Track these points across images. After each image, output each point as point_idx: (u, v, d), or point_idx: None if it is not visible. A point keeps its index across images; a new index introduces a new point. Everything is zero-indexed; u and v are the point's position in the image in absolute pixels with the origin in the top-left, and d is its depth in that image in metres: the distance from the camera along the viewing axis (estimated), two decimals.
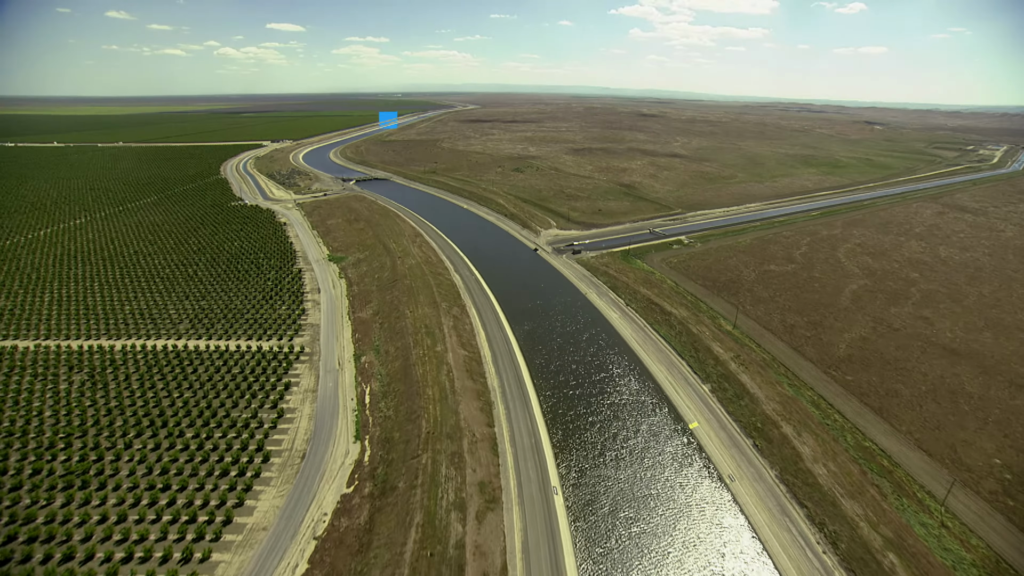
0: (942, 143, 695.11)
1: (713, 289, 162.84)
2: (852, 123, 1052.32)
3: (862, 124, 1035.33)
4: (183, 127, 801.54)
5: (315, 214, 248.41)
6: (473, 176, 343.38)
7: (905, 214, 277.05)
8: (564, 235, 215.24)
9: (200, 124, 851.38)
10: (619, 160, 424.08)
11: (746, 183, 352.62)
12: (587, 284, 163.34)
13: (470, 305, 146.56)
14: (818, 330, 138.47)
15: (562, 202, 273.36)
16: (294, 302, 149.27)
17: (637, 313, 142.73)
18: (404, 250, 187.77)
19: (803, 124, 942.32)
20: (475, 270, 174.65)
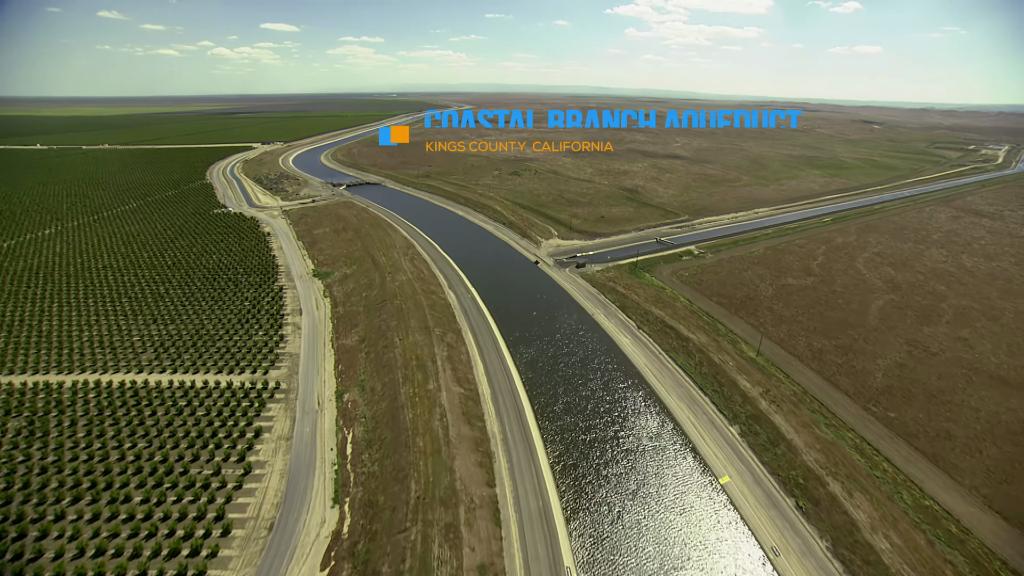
0: (943, 143, 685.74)
1: (730, 307, 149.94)
2: (851, 122, 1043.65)
3: (860, 123, 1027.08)
4: (173, 128, 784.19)
5: (302, 223, 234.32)
6: (469, 180, 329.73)
7: (920, 219, 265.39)
8: (566, 245, 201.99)
9: (191, 125, 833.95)
10: (619, 162, 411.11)
11: (751, 186, 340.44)
12: (594, 303, 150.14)
13: (466, 329, 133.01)
14: (849, 356, 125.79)
15: (562, 208, 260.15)
16: (272, 326, 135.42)
17: (651, 338, 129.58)
18: (395, 264, 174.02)
19: (802, 124, 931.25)
20: (471, 287, 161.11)
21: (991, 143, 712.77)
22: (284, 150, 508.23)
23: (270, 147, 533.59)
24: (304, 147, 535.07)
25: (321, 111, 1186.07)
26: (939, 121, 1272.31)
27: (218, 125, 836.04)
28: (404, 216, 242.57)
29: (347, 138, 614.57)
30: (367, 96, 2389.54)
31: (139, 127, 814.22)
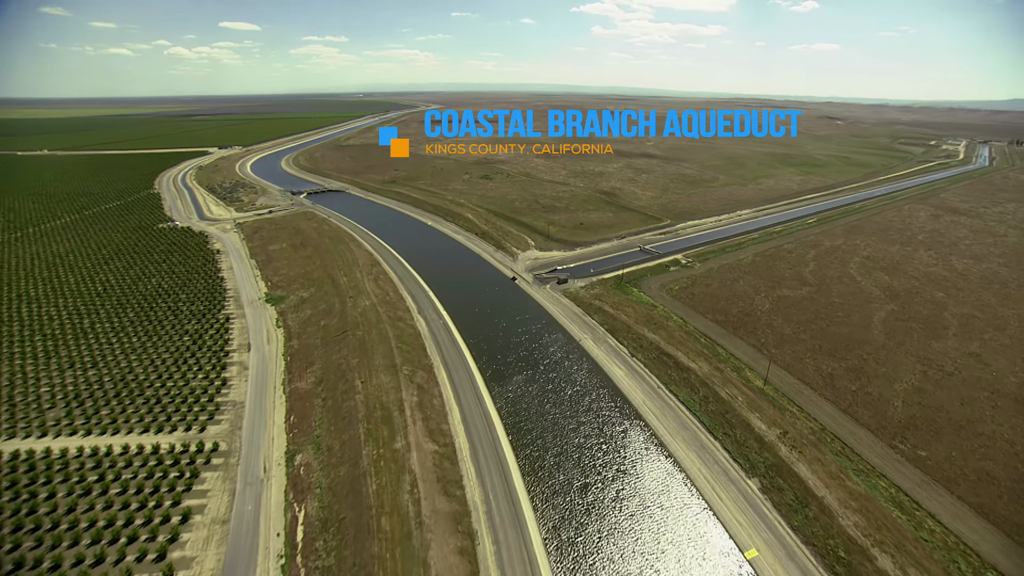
0: (906, 138, 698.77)
1: (728, 326, 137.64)
2: (816, 118, 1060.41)
3: (825, 119, 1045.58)
4: (124, 132, 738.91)
5: (256, 238, 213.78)
6: (438, 185, 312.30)
7: (901, 218, 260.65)
8: (545, 257, 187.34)
9: (144, 128, 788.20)
10: (593, 163, 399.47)
11: (730, 186, 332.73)
12: (580, 326, 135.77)
13: (439, 365, 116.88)
14: (862, 379, 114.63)
15: (538, 215, 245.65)
16: (215, 367, 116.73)
17: (647, 368, 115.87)
18: (357, 286, 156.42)
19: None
20: (443, 311, 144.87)
21: (949, 138, 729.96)
22: (242, 155, 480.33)
23: (227, 152, 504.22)
24: (264, 151, 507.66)
25: (284, 113, 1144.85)
26: (897, 116, 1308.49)
27: (174, 128, 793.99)
28: (368, 227, 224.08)
29: (310, 141, 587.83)
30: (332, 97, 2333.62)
31: (85, 130, 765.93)
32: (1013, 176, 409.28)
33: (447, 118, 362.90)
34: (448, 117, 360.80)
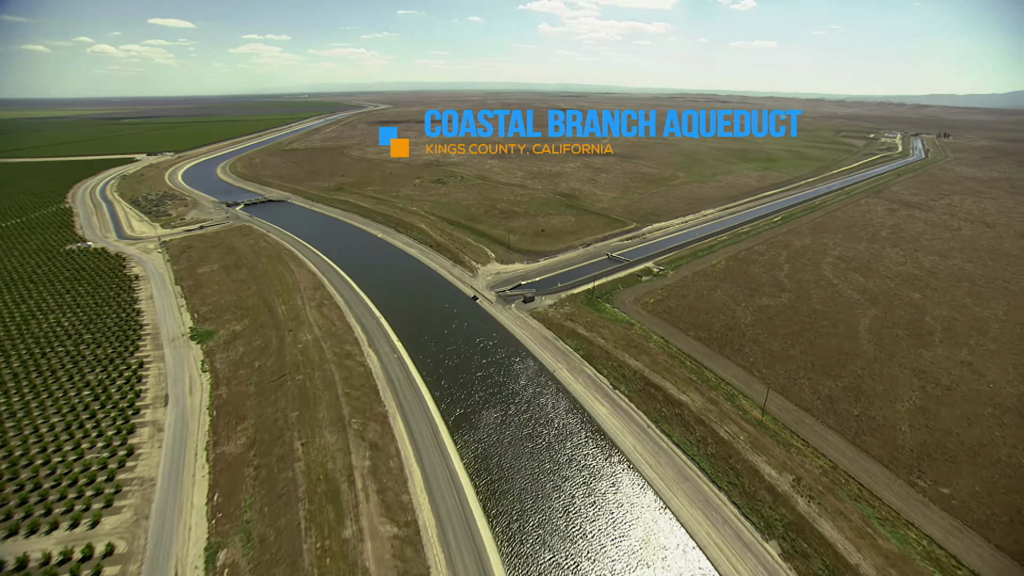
0: (847, 132, 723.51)
1: (711, 344, 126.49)
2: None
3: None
4: (37, 137, 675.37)
5: (183, 259, 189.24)
6: (387, 192, 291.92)
7: (861, 213, 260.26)
8: (508, 271, 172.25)
9: (63, 133, 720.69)
10: (549, 163, 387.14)
11: (690, 184, 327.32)
12: (552, 353, 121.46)
13: (394, 412, 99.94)
14: (862, 401, 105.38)
15: (497, 222, 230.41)
16: (119, 431, 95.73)
17: (631, 403, 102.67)
18: (298, 315, 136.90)
19: None
20: (397, 341, 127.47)
21: (885, 131, 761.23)
22: (174, 162, 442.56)
23: (157, 159, 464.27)
24: (199, 158, 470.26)
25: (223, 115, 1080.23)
26: (834, 111, 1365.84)
27: (98, 132, 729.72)
28: (312, 243, 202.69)
29: (251, 145, 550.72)
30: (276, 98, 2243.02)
31: None
32: (950, 168, 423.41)
33: (447, 118, 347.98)
34: (448, 117, 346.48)
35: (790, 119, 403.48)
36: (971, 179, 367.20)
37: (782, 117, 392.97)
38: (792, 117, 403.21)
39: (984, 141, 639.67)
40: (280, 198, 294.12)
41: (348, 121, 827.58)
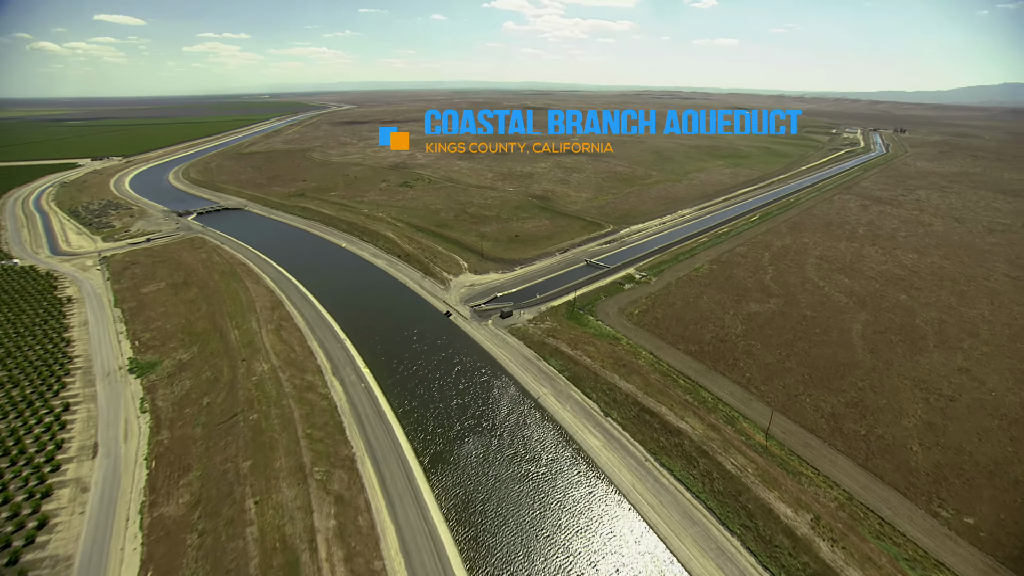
0: (810, 127, 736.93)
1: (703, 358, 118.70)
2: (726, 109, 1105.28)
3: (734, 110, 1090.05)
4: None
5: (126, 276, 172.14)
6: (351, 197, 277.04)
7: (835, 210, 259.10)
8: (481, 283, 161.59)
9: None
10: (520, 163, 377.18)
11: (664, 183, 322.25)
12: (536, 375, 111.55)
13: (363, 455, 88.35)
14: (867, 418, 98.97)
15: (468, 227, 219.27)
16: (32, 494, 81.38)
17: (625, 432, 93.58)
18: (253, 341, 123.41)
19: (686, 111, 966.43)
20: (364, 368, 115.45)
21: (845, 127, 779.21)
22: (121, 168, 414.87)
23: (103, 164, 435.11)
24: (150, 162, 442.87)
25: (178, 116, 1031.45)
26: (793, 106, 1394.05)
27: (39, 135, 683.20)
28: (271, 255, 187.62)
29: (207, 149, 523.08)
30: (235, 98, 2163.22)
31: None
32: (911, 163, 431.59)
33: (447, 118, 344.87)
34: (448, 117, 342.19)
35: (790, 119, 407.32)
36: (933, 174, 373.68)
37: (782, 117, 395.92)
38: (792, 117, 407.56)
39: (937, 136, 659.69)
40: (237, 206, 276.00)
41: (311, 122, 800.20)
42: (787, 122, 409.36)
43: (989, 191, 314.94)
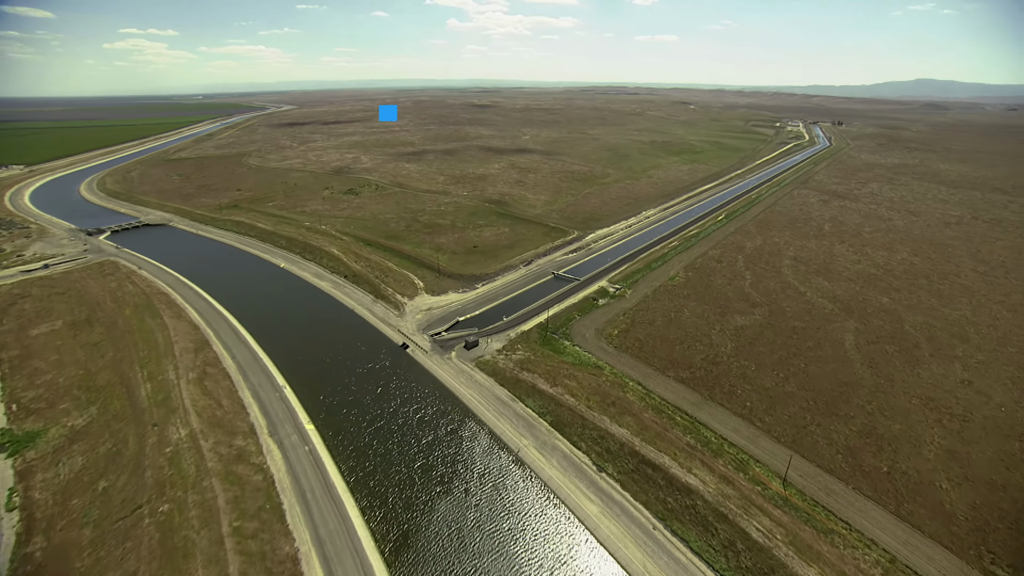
0: (755, 121, 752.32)
1: (699, 387, 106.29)
2: (671, 104, 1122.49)
3: (679, 104, 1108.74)
4: None
5: (11, 315, 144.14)
6: (291, 207, 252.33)
7: (798, 206, 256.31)
8: (441, 304, 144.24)
9: None
10: (471, 164, 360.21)
11: (623, 181, 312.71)
12: (512, 421, 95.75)
13: (310, 555, 69.95)
14: (885, 450, 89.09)
15: (422, 238, 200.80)
16: None
17: (626, 492, 79.32)
18: (169, 398, 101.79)
19: (632, 107, 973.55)
20: (309, 423, 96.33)
21: (788, 120, 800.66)
22: (22, 178, 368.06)
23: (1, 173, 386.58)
24: (58, 171, 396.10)
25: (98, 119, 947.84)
26: (735, 100, 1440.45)
27: None
28: (197, 281, 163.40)
29: (129, 155, 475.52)
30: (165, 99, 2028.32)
31: None
32: (856, 155, 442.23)
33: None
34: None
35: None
36: (878, 166, 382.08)
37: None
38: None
39: (872, 129, 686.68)
40: (160, 221, 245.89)
41: (248, 124, 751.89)
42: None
43: (931, 183, 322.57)
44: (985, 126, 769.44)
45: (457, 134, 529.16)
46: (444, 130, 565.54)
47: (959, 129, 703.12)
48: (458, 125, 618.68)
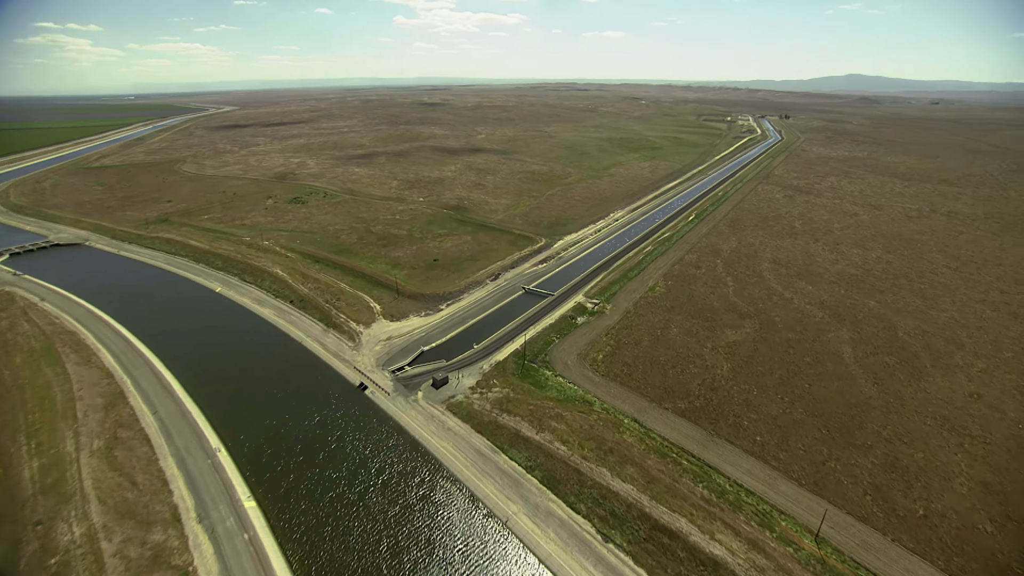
0: (706, 115, 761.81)
1: (702, 420, 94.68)
2: (622, 99, 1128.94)
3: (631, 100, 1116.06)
4: None
5: None
6: (230, 220, 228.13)
7: (765, 203, 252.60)
8: (402, 332, 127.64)
9: None
10: (426, 167, 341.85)
11: (585, 181, 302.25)
12: (497, 480, 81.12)
13: None
14: (914, 486, 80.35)
15: (376, 252, 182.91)
16: None
17: (641, 568, 66.04)
18: (62, 481, 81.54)
19: (585, 103, 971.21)
20: (249, 500, 78.52)
21: (737, 114, 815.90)
22: None
23: None
24: None
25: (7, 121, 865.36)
26: (684, 95, 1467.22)
27: None
28: (115, 314, 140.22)
29: (42, 163, 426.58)
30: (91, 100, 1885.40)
31: None
32: (808, 148, 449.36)
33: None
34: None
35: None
36: (832, 159, 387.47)
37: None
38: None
39: (817, 122, 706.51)
40: (73, 240, 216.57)
41: (184, 127, 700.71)
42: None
43: (884, 175, 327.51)
44: (915, 119, 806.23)
45: (409, 134, 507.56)
46: (395, 130, 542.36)
47: (894, 122, 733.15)
48: (409, 125, 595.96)
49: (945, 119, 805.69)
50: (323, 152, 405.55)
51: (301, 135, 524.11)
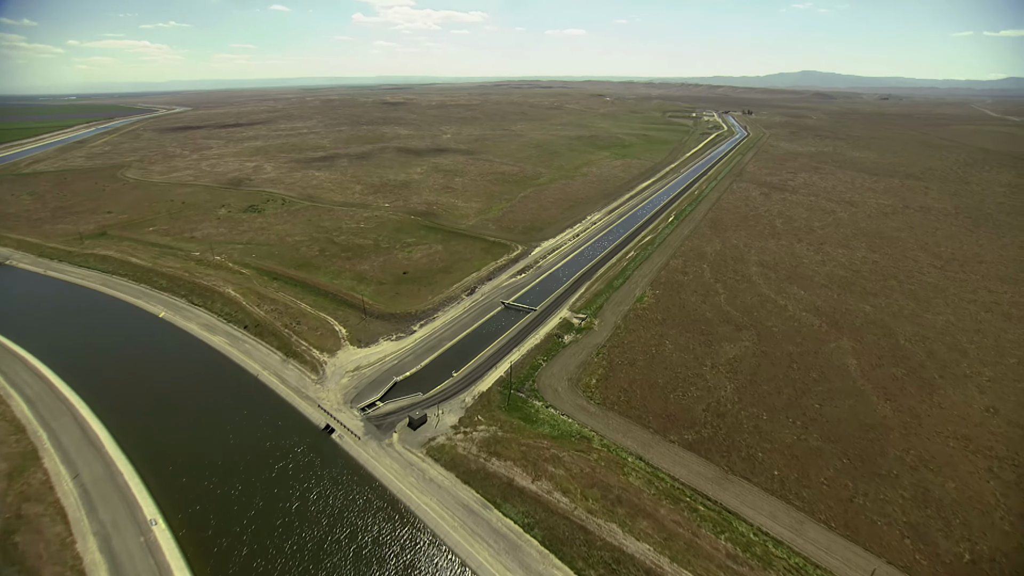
0: (672, 112, 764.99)
1: (712, 454, 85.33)
2: (587, 96, 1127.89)
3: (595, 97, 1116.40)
4: None
5: None
6: (178, 233, 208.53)
7: (742, 201, 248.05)
8: (372, 360, 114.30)
9: None
10: (391, 169, 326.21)
11: (557, 181, 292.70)
12: (491, 545, 69.68)
13: None
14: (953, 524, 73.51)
15: (340, 265, 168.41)
16: None
17: None
18: None
19: (550, 101, 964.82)
20: None
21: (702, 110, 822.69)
22: None
23: None
24: None
25: None
26: (647, 92, 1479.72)
27: None
28: (34, 348, 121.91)
29: None
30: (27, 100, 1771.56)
31: None
32: (776, 144, 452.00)
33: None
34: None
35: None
36: (800, 155, 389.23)
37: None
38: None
39: (780, 117, 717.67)
40: None
41: (131, 129, 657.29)
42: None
43: (852, 170, 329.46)
44: (869, 114, 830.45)
45: (372, 135, 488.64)
46: (357, 131, 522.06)
47: (851, 117, 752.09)
48: (372, 125, 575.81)
49: (896, 114, 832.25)
50: (281, 155, 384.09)
51: (258, 137, 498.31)
